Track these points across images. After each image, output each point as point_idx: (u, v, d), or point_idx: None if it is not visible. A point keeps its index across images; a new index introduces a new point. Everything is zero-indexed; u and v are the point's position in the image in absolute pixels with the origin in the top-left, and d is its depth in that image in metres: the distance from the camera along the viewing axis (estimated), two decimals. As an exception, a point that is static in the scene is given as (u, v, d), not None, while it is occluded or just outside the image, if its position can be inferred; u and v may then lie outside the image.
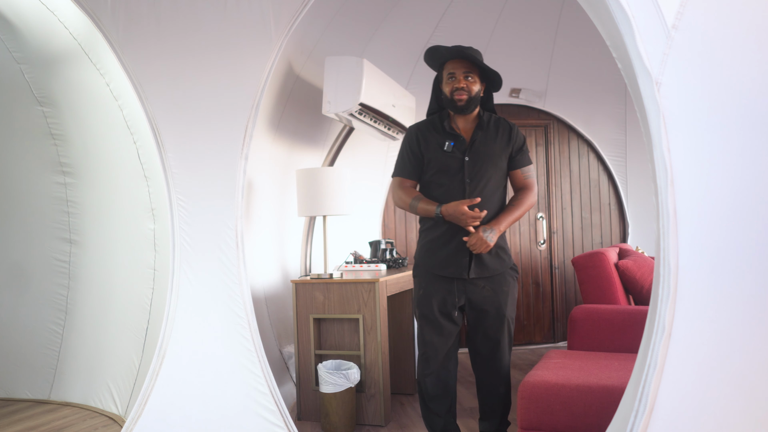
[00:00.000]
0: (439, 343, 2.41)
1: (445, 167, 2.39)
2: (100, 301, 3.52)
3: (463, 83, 2.35)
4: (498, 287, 2.39)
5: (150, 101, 2.50)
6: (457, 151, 2.40)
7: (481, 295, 2.39)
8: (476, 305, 2.39)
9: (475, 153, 2.39)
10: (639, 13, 1.44)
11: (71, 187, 3.61)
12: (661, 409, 1.40)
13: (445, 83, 2.40)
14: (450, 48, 2.37)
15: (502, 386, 2.45)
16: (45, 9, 3.08)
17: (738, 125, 1.39)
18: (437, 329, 2.40)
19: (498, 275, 2.41)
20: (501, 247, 2.42)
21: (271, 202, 3.71)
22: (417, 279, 2.48)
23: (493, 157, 2.40)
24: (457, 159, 2.39)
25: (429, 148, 2.43)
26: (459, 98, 2.36)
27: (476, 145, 2.40)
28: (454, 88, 2.36)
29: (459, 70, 2.36)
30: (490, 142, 2.42)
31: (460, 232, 2.36)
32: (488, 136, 2.42)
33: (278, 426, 2.42)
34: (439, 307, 2.39)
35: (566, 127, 5.10)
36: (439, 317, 2.40)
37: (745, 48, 1.39)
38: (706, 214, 1.39)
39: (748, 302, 1.37)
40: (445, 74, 2.41)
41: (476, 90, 2.38)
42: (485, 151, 2.40)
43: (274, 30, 2.48)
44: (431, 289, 2.41)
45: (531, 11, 4.37)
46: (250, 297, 2.50)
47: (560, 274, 5.08)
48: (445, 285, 2.39)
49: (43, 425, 3.16)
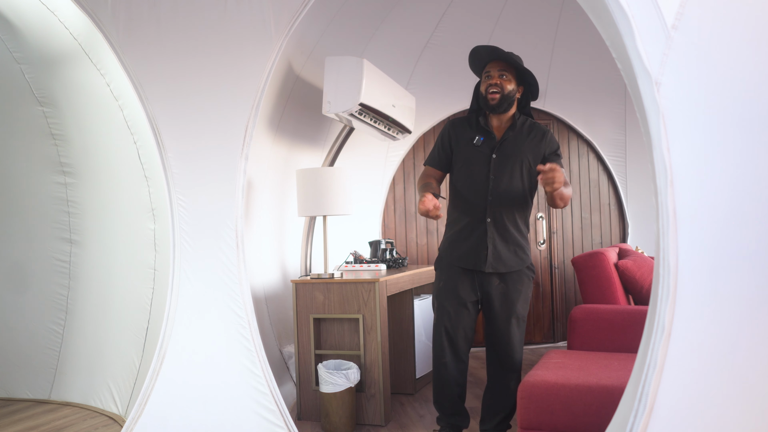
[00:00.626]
0: (459, 332, 2.54)
1: (472, 161, 2.50)
2: (101, 301, 3.52)
3: (497, 80, 2.45)
4: (512, 285, 2.50)
5: (150, 101, 2.50)
6: (486, 147, 2.50)
7: (495, 291, 2.50)
8: (489, 301, 2.51)
9: (503, 151, 2.48)
10: (639, 13, 1.44)
11: (71, 187, 3.61)
12: (660, 409, 1.40)
13: (482, 83, 2.51)
14: (487, 49, 2.48)
15: (512, 381, 2.53)
16: (45, 9, 3.08)
17: (738, 125, 1.39)
18: (454, 319, 2.53)
19: (514, 272, 2.51)
20: (520, 245, 2.52)
21: (271, 202, 3.71)
22: (438, 271, 2.62)
23: (520, 157, 2.48)
24: (485, 155, 2.49)
25: (459, 142, 2.55)
26: (492, 96, 2.45)
27: (505, 144, 2.49)
28: (488, 86, 2.46)
29: (495, 69, 2.47)
30: (520, 143, 2.50)
31: (479, 226, 2.49)
32: (519, 137, 2.51)
33: (278, 426, 2.43)
34: (456, 299, 2.52)
35: (566, 127, 5.10)
36: (457, 308, 2.52)
37: (745, 48, 1.39)
38: (705, 214, 1.39)
39: (748, 302, 1.37)
40: (483, 75, 2.52)
41: (510, 89, 2.46)
42: (514, 150, 2.48)
43: (274, 30, 2.48)
44: (451, 282, 2.54)
45: (531, 11, 4.37)
46: (250, 297, 2.50)
47: (560, 274, 5.08)
48: (464, 277, 2.52)
49: (43, 425, 3.16)
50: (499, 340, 2.51)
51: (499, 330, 2.51)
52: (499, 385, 2.55)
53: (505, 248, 2.48)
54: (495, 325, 2.52)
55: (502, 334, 2.50)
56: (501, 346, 2.52)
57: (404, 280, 3.44)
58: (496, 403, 2.57)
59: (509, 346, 2.51)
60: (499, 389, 2.56)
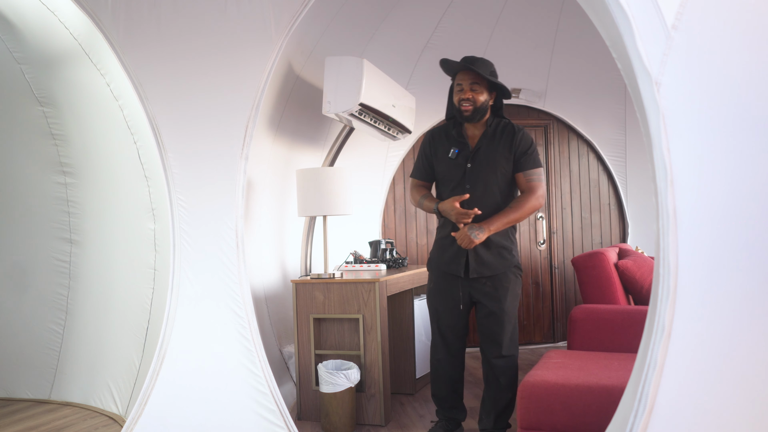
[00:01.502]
0: (448, 331, 2.66)
1: (449, 173, 2.60)
2: (101, 301, 3.52)
3: (469, 94, 2.51)
4: (499, 284, 2.56)
5: (150, 101, 2.50)
6: (461, 158, 2.58)
7: (483, 291, 2.57)
8: (478, 302, 2.59)
9: (478, 160, 2.56)
10: (639, 13, 1.44)
11: (72, 187, 3.61)
12: (660, 409, 1.40)
13: (454, 93, 2.58)
14: (458, 62, 2.54)
15: (503, 377, 2.56)
16: (45, 9, 3.08)
17: (738, 125, 1.39)
18: (446, 319, 2.64)
19: (501, 274, 2.56)
20: (504, 247, 2.56)
21: (271, 202, 3.71)
22: (429, 273, 2.75)
23: (493, 164, 2.54)
24: (460, 165, 2.58)
25: (437, 155, 2.65)
26: (465, 109, 2.53)
27: (480, 152, 2.57)
28: (460, 99, 2.53)
29: (466, 81, 2.53)
30: (493, 148, 2.56)
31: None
32: (492, 143, 2.57)
33: (278, 426, 2.43)
34: (445, 300, 2.64)
35: (566, 127, 5.10)
36: (447, 309, 2.64)
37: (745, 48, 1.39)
38: (705, 214, 1.39)
39: (748, 302, 1.37)
40: (454, 84, 2.59)
41: (482, 100, 2.53)
42: (487, 157, 2.55)
43: (274, 30, 2.48)
44: (440, 284, 2.66)
45: (531, 11, 4.37)
46: (250, 297, 2.50)
47: (560, 274, 5.08)
48: (451, 281, 2.62)
49: (43, 425, 3.16)
50: (489, 338, 2.58)
51: (488, 328, 2.57)
52: (491, 382, 2.60)
53: (487, 252, 2.53)
54: (484, 323, 2.58)
55: (491, 332, 2.57)
56: (490, 343, 2.58)
57: (404, 280, 3.44)
58: (489, 400, 2.62)
59: (498, 343, 2.56)
60: (491, 386, 2.61)
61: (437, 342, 2.70)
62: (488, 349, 2.58)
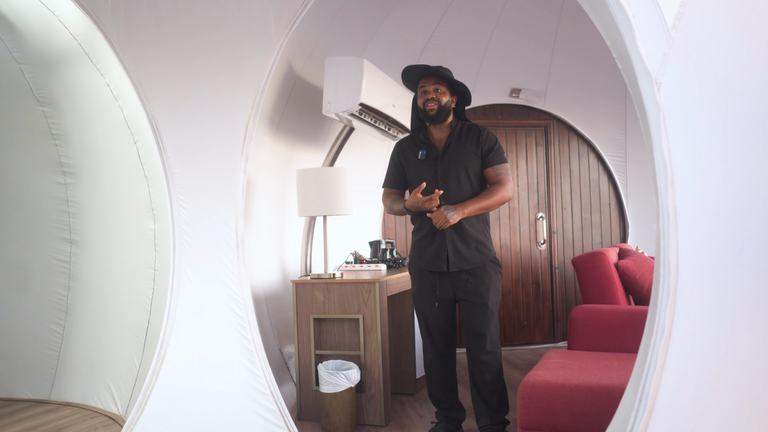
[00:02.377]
0: (436, 331, 2.72)
1: (421, 174, 2.69)
2: (101, 301, 3.52)
3: (433, 94, 2.65)
4: (480, 279, 2.64)
5: (150, 101, 2.50)
6: (430, 158, 2.69)
7: (465, 287, 2.64)
8: (461, 297, 2.66)
9: (447, 159, 2.67)
10: (639, 13, 1.44)
11: (72, 187, 3.61)
12: (661, 409, 1.40)
13: (419, 97, 2.71)
14: (418, 66, 2.69)
15: (487, 373, 2.62)
16: (45, 9, 3.08)
17: (738, 125, 1.39)
18: (433, 319, 2.70)
19: (479, 268, 2.64)
20: (480, 242, 2.66)
21: (271, 202, 3.71)
22: (411, 275, 2.81)
23: (463, 162, 2.66)
24: (431, 166, 2.68)
25: (408, 159, 2.76)
26: (430, 108, 2.65)
27: (447, 152, 2.67)
28: (425, 100, 2.67)
29: (429, 84, 2.67)
30: (461, 147, 2.68)
31: (438, 232, 2.64)
32: (459, 142, 2.69)
33: (278, 426, 2.43)
34: (430, 299, 2.70)
35: (566, 127, 5.10)
36: (431, 307, 2.70)
37: (746, 48, 1.39)
38: (705, 214, 1.39)
39: (748, 302, 1.37)
40: (418, 90, 2.72)
41: (446, 100, 2.67)
42: (456, 156, 2.66)
43: (275, 30, 2.48)
44: (423, 284, 2.72)
45: (531, 11, 4.37)
46: (250, 297, 2.50)
47: (560, 274, 5.08)
48: (433, 279, 2.69)
49: (43, 425, 3.16)
50: (473, 335, 2.63)
51: (472, 324, 2.63)
52: (477, 380, 2.65)
53: (466, 247, 2.62)
54: (469, 319, 2.64)
55: (476, 328, 2.62)
56: (475, 339, 2.63)
57: (404, 280, 3.44)
58: (480, 399, 2.66)
59: (483, 338, 2.61)
60: (477, 384, 2.65)
61: (427, 344, 2.77)
62: (474, 347, 2.63)
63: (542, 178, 5.07)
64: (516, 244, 5.02)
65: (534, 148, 5.06)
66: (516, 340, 5.00)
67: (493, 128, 4.94)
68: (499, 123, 4.98)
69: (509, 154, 5.02)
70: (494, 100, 4.92)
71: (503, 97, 4.91)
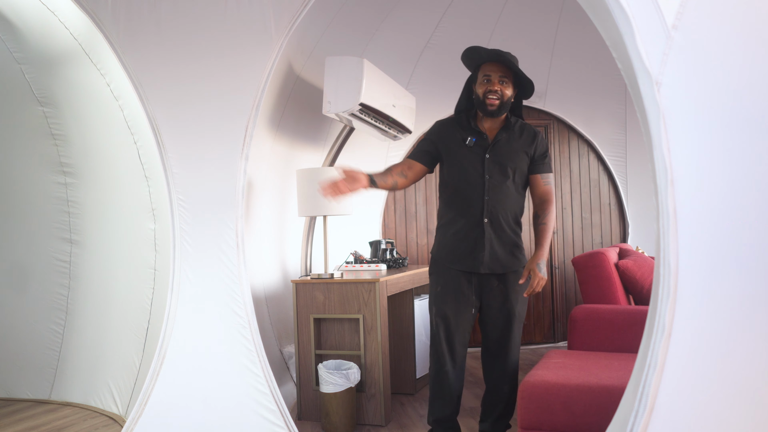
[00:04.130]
0: (458, 338, 2.47)
1: (464, 161, 2.45)
2: (101, 301, 3.52)
3: (497, 87, 2.39)
4: (510, 286, 2.46)
5: (150, 101, 2.50)
6: (478, 147, 2.45)
7: (493, 292, 2.45)
8: (488, 302, 2.46)
9: (497, 152, 2.45)
10: (639, 13, 1.43)
11: (72, 187, 3.61)
12: (661, 409, 1.40)
13: (479, 84, 2.43)
14: (489, 50, 2.41)
15: (506, 385, 2.49)
16: (45, 9, 3.08)
17: (738, 125, 1.39)
18: (454, 324, 2.46)
19: (511, 273, 2.46)
20: (516, 245, 2.49)
21: (271, 202, 3.71)
22: (434, 276, 2.53)
23: (513, 158, 2.45)
24: (477, 155, 2.44)
25: (450, 142, 2.48)
26: (491, 102, 2.39)
27: (499, 145, 2.46)
28: (487, 90, 2.40)
29: (495, 73, 2.40)
30: (513, 143, 2.47)
31: (476, 227, 2.43)
32: (512, 137, 2.48)
33: (278, 426, 2.43)
34: (456, 302, 2.45)
35: (566, 127, 5.10)
36: (456, 312, 2.45)
37: (746, 48, 1.39)
38: (706, 214, 1.39)
39: (748, 302, 1.37)
40: (480, 75, 2.44)
41: (509, 95, 2.42)
42: (507, 150, 2.45)
43: (275, 30, 2.48)
44: (450, 285, 2.46)
45: (531, 11, 4.37)
46: (250, 297, 2.50)
47: (560, 274, 5.08)
48: (462, 280, 2.46)
49: (43, 425, 3.16)
50: (498, 343, 2.47)
51: (498, 332, 2.47)
52: (495, 389, 2.52)
53: (502, 248, 2.44)
54: (494, 327, 2.47)
55: (501, 337, 2.46)
56: (499, 348, 2.47)
57: (404, 280, 3.44)
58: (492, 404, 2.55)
59: (507, 348, 2.47)
60: (495, 392, 2.53)
61: (443, 352, 2.46)
62: (496, 354, 2.48)
63: (542, 178, 5.06)
64: (516, 244, 5.02)
65: (534, 148, 5.06)
66: (516, 340, 5.00)
67: (493, 128, 4.94)
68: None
69: (509, 154, 5.01)
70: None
71: (503, 97, 4.91)
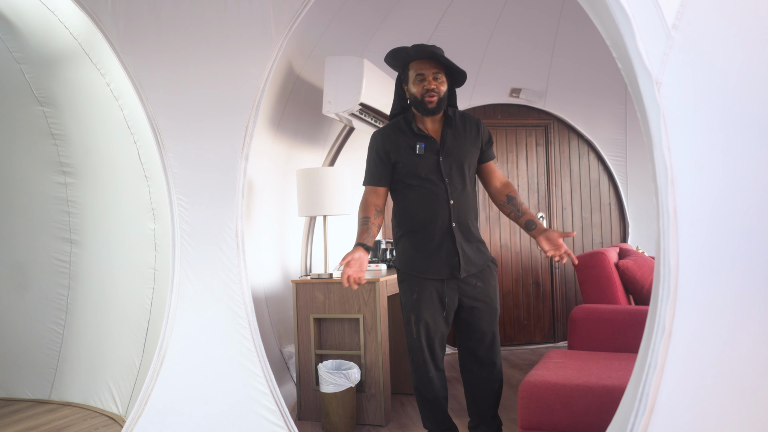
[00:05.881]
0: (439, 344, 2.41)
1: (419, 170, 2.35)
2: (101, 301, 3.52)
3: (433, 84, 2.31)
4: (486, 281, 2.42)
5: (150, 101, 2.50)
6: (430, 152, 2.36)
7: (474, 291, 2.39)
8: (469, 302, 2.39)
9: (448, 152, 2.36)
10: (639, 13, 1.44)
11: (72, 187, 3.61)
12: (661, 409, 1.40)
13: (413, 84, 2.35)
14: (416, 48, 2.33)
15: (497, 382, 2.45)
16: (45, 9, 3.08)
17: (738, 125, 1.39)
18: (433, 329, 2.38)
19: (484, 269, 2.42)
20: (480, 241, 2.44)
21: (271, 202, 3.71)
22: (406, 283, 2.42)
23: (465, 154, 2.39)
24: (431, 160, 2.35)
25: (399, 152, 2.36)
26: (430, 100, 2.31)
27: (447, 144, 2.37)
28: (424, 90, 2.31)
29: (428, 70, 2.32)
30: (460, 138, 2.39)
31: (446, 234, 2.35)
32: (457, 133, 2.40)
33: (278, 426, 2.43)
34: (434, 308, 2.37)
35: (566, 127, 5.10)
36: (435, 317, 2.38)
37: (746, 48, 1.39)
38: (706, 214, 1.39)
39: (748, 302, 1.37)
40: (411, 75, 2.36)
41: (444, 90, 2.34)
42: (457, 148, 2.38)
43: (274, 30, 2.48)
44: (425, 293, 2.37)
45: (531, 11, 4.37)
46: (250, 297, 2.50)
47: (560, 274, 5.08)
48: (439, 287, 2.37)
49: (43, 425, 3.16)
50: (483, 341, 2.42)
51: (482, 331, 2.40)
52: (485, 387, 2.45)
53: (471, 248, 2.38)
54: (479, 326, 2.40)
55: (486, 334, 2.41)
56: (485, 346, 2.42)
57: (404, 280, 3.43)
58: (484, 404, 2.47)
59: (493, 344, 2.43)
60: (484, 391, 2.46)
61: (425, 359, 2.39)
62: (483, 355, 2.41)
63: (542, 177, 5.07)
64: (516, 244, 5.02)
65: (534, 147, 5.06)
66: (516, 340, 5.00)
67: (493, 128, 4.94)
68: (499, 123, 4.98)
69: (509, 153, 5.02)
70: (494, 99, 4.92)
71: (503, 97, 4.91)
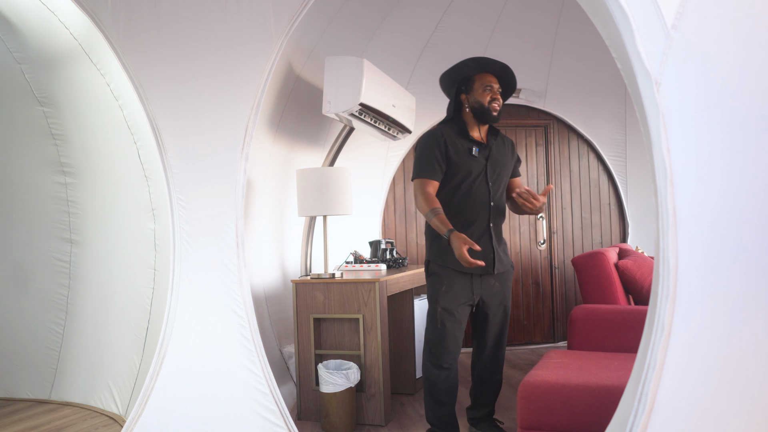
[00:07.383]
0: (459, 338, 2.57)
1: (472, 171, 2.58)
2: (101, 301, 3.52)
3: (497, 95, 2.60)
4: (504, 282, 2.68)
5: (150, 101, 2.50)
6: (481, 156, 2.61)
7: (492, 290, 2.63)
8: (487, 300, 2.63)
9: (493, 159, 2.64)
10: (638, 13, 1.44)
11: (72, 187, 3.61)
12: (660, 409, 1.40)
13: (479, 93, 2.60)
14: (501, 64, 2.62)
15: (499, 374, 2.74)
16: (45, 9, 3.08)
17: (738, 125, 1.39)
18: (459, 324, 2.56)
19: (508, 270, 2.70)
20: (506, 244, 2.72)
21: (271, 202, 3.71)
22: (437, 276, 2.57)
23: (505, 164, 2.69)
24: (481, 164, 2.60)
25: (458, 153, 2.57)
26: (494, 109, 2.58)
27: (493, 152, 2.65)
28: (492, 99, 2.58)
29: (495, 84, 2.61)
30: (502, 152, 2.70)
31: (485, 233, 2.57)
32: (499, 145, 2.70)
33: (278, 426, 2.43)
34: (462, 301, 2.56)
35: (566, 127, 5.10)
36: (462, 311, 2.58)
37: (745, 48, 1.39)
38: (705, 214, 1.39)
39: (748, 302, 1.37)
40: (479, 84, 2.61)
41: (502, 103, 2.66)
42: (500, 157, 2.67)
43: (274, 30, 2.48)
44: (456, 286, 2.55)
45: (531, 11, 4.37)
46: (250, 297, 2.50)
47: (560, 274, 5.08)
48: (467, 281, 2.57)
49: (43, 425, 3.16)
50: (494, 337, 2.68)
51: (495, 327, 2.67)
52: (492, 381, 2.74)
53: (501, 249, 2.65)
54: (492, 322, 2.66)
55: (498, 330, 2.68)
56: (496, 341, 2.69)
57: (404, 280, 3.44)
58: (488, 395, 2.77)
59: (502, 340, 2.69)
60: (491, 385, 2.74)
61: (449, 350, 2.52)
62: (493, 350, 2.69)
63: (542, 178, 5.07)
64: (516, 244, 5.02)
65: (534, 148, 5.07)
66: (516, 340, 5.00)
67: (493, 128, 4.95)
68: (499, 123, 4.97)
69: (509, 154, 5.02)
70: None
71: (503, 97, 4.91)
